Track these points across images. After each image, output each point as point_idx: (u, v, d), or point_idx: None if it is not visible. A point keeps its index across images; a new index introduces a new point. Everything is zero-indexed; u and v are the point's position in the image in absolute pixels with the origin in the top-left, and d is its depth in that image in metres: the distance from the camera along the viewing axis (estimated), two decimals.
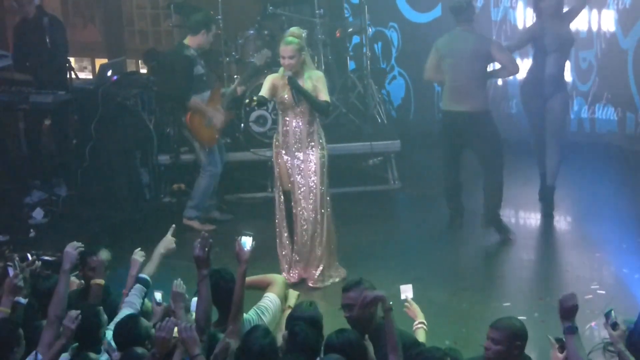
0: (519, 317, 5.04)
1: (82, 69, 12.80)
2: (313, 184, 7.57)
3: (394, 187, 9.99)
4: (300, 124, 7.57)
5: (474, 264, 8.10)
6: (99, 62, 11.88)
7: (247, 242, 5.59)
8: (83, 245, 5.80)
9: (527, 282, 7.81)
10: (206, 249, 5.31)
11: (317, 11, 10.36)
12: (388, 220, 9.17)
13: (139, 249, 6.14)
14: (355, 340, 4.97)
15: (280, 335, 5.29)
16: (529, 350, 5.16)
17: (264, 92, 7.56)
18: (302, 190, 7.59)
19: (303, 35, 7.62)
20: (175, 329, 4.87)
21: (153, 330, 5.17)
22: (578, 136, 10.62)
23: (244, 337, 5.00)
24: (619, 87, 10.36)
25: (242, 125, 9.95)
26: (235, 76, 10.11)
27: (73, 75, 9.76)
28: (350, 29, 10.82)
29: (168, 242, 6.05)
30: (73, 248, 5.70)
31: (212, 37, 8.94)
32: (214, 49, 10.30)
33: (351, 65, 11.02)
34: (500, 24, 10.86)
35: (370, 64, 10.76)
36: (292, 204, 7.61)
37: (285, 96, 7.52)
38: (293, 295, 6.48)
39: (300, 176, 7.59)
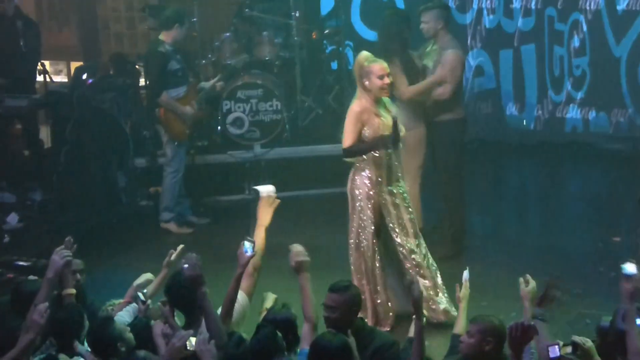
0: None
1: (58, 72, 12.72)
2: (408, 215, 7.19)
3: None
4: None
5: (453, 263, 8.09)
6: (75, 65, 11.82)
7: (249, 247, 5.58)
8: (71, 254, 5.45)
9: (505, 282, 7.81)
10: (197, 267, 5.18)
11: (293, 13, 10.35)
12: None
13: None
14: (342, 344, 4.85)
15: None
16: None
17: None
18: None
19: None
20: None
21: (129, 334, 5.14)
22: (571, 138, 10.64)
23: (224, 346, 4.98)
24: (612, 94, 10.35)
25: (219, 127, 9.92)
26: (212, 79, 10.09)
27: (48, 79, 9.71)
28: (326, 31, 10.82)
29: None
30: (60, 256, 5.32)
31: (187, 30, 8.95)
32: (190, 50, 10.30)
33: (333, 66, 11.00)
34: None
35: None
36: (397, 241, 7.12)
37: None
38: (270, 298, 6.45)
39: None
